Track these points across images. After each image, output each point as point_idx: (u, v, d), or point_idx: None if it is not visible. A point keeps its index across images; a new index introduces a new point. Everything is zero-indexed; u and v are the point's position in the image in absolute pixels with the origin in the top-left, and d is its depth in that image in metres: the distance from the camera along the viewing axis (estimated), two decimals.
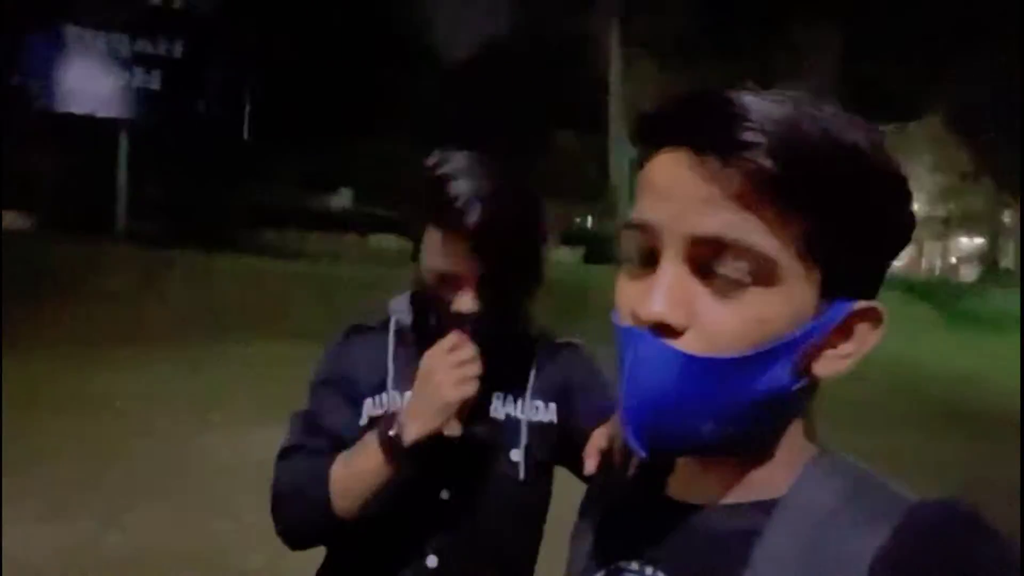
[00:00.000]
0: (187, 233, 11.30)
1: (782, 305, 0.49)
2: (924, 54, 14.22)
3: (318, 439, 1.08)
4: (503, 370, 1.07)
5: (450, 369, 0.95)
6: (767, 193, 0.47)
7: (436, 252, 0.98)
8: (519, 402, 1.08)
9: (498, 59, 22.71)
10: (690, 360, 0.48)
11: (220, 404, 5.70)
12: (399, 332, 1.12)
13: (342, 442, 1.05)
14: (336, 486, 1.00)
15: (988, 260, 22.53)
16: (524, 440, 1.06)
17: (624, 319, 0.52)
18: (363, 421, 1.08)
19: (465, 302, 0.98)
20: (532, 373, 1.10)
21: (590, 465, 0.70)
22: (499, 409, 1.07)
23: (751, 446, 0.54)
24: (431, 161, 1.01)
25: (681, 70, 16.75)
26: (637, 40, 17.25)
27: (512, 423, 1.07)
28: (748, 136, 0.47)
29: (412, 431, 0.95)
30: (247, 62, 12.55)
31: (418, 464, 0.97)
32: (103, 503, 3.83)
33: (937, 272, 29.54)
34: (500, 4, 19.63)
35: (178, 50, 11.90)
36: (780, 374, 0.50)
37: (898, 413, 7.01)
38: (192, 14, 12.19)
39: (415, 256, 1.03)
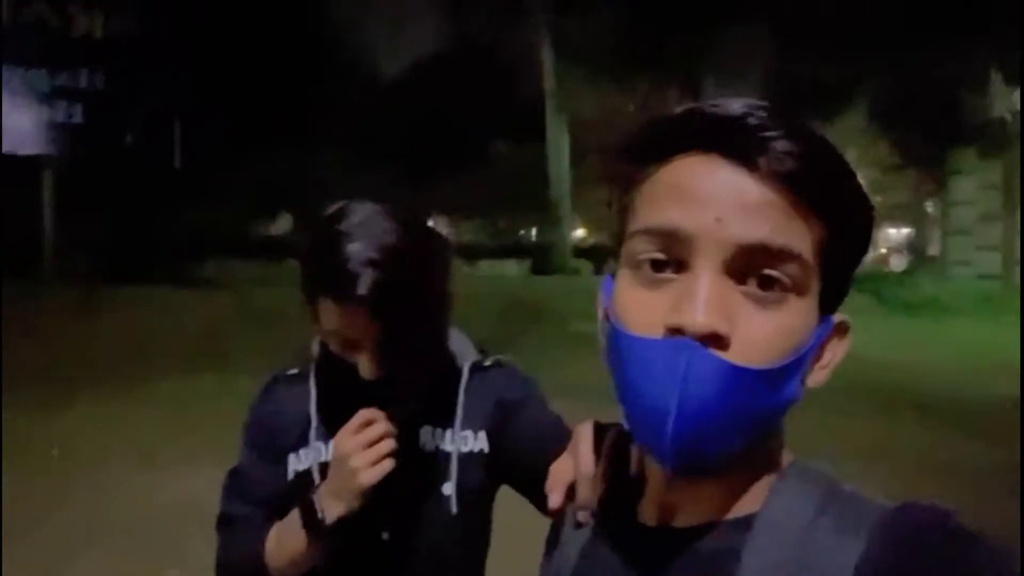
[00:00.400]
0: (121, 268, 10.93)
1: (807, 315, 0.49)
2: (849, 51, 14.76)
3: (249, 507, 1.08)
4: (429, 403, 1.06)
5: (362, 452, 0.92)
6: (800, 200, 0.47)
7: (331, 317, 0.94)
8: (448, 434, 1.06)
9: (433, 73, 22.71)
10: (745, 373, 0.47)
11: (162, 443, 5.51)
12: (320, 379, 1.08)
13: (273, 506, 1.06)
14: (272, 563, 1.01)
15: (916, 249, 23.45)
16: (455, 474, 1.04)
17: (643, 330, 0.49)
18: (290, 476, 1.06)
19: (367, 368, 0.95)
20: (460, 403, 1.07)
21: (554, 500, 0.66)
22: (428, 444, 1.06)
23: (746, 460, 0.52)
24: (329, 211, 0.98)
25: (615, 77, 17.03)
26: (569, 49, 17.48)
27: (442, 456, 1.05)
28: (782, 144, 0.47)
29: (333, 512, 0.94)
30: (174, 89, 12.25)
31: (346, 534, 0.98)
32: (42, 554, 3.65)
33: (867, 262, 30.68)
34: (433, 17, 19.66)
35: (100, 81, 11.54)
36: (797, 384, 0.50)
37: (842, 398, 7.21)
38: (113, 44, 11.83)
39: (314, 318, 0.98)
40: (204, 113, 13.48)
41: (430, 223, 1.07)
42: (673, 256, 0.49)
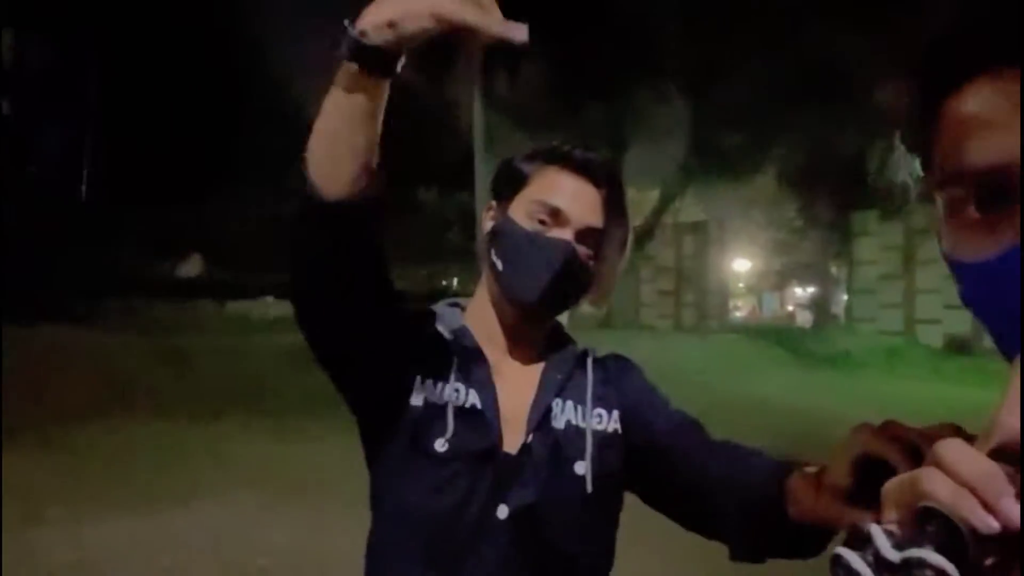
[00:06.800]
0: (19, 307, 10.18)
1: None
2: (759, 117, 15.57)
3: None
4: (559, 376, 0.97)
5: None
6: None
7: (554, 183, 1.00)
8: (579, 410, 0.95)
9: None
10: None
11: (59, 497, 5.04)
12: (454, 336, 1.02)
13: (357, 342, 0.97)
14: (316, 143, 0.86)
15: (820, 307, 24.56)
16: (589, 451, 0.92)
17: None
18: (415, 401, 0.93)
19: (558, 245, 0.97)
20: (590, 380, 0.98)
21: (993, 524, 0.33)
22: (559, 417, 0.94)
23: None
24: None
25: (541, 130, 17.42)
26: (498, 102, 17.82)
27: (574, 432, 0.93)
28: None
29: (370, 22, 0.79)
30: (83, 120, 11.74)
31: (467, 473, 0.88)
32: None
33: (775, 319, 31.98)
34: None
35: (5, 108, 10.95)
36: None
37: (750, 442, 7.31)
38: (20, 71, 11.29)
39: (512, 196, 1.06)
40: (116, 147, 12.91)
41: None
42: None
